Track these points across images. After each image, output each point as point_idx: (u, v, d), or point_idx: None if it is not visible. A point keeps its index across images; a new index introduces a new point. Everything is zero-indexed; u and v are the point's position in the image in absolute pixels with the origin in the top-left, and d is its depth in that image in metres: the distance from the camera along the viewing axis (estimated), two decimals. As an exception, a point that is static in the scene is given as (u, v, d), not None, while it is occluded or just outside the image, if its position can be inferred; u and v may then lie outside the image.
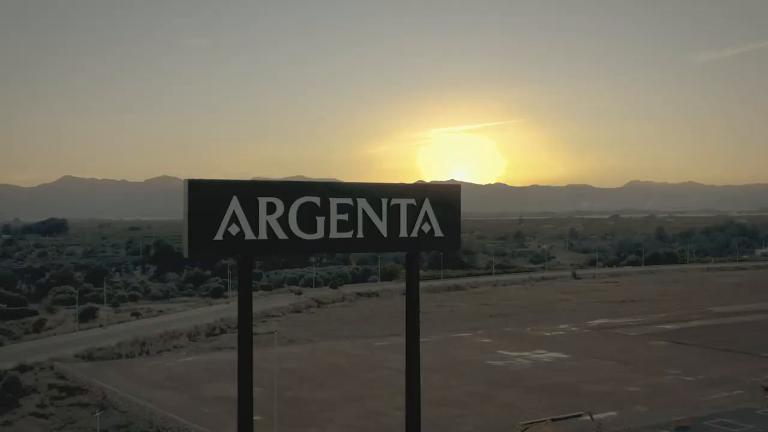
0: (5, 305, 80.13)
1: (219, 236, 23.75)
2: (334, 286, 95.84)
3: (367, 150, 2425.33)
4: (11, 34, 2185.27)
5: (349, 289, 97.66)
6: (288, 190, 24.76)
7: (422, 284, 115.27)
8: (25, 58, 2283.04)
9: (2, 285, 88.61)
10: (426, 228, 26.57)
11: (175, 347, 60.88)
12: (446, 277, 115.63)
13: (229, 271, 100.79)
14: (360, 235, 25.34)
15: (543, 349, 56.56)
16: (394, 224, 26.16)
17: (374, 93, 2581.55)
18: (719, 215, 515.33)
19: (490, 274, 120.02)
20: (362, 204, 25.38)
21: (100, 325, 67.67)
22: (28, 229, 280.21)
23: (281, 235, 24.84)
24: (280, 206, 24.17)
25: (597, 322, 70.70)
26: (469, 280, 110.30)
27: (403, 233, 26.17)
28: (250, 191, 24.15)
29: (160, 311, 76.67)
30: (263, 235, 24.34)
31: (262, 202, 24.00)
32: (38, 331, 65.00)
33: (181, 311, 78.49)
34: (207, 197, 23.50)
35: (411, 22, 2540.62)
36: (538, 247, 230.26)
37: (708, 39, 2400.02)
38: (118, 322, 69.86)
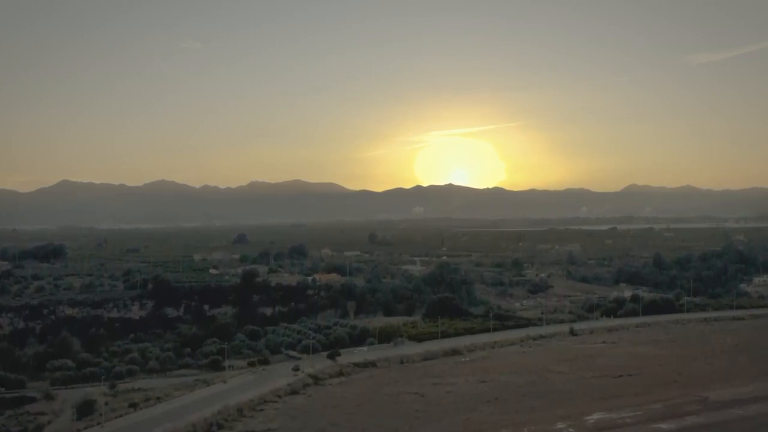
0: (3, 388, 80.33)
1: None
2: (331, 357, 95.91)
3: (364, 153, 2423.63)
4: (9, 35, 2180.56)
5: (346, 357, 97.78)
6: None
7: (419, 347, 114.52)
8: (23, 61, 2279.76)
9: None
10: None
11: (173, 453, 61.09)
12: (444, 334, 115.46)
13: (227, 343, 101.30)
14: None
15: (539, 468, 56.72)
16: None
17: (372, 96, 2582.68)
18: (717, 225, 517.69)
19: (488, 330, 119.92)
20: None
21: (98, 423, 67.74)
22: (26, 253, 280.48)
23: None
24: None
25: (594, 417, 70.85)
26: (467, 341, 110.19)
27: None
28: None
29: (158, 398, 76.73)
30: None
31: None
32: (36, 436, 65.14)
33: (179, 395, 78.65)
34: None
35: (409, 25, 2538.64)
36: (536, 275, 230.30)
37: (706, 41, 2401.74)
38: (117, 417, 69.93)
